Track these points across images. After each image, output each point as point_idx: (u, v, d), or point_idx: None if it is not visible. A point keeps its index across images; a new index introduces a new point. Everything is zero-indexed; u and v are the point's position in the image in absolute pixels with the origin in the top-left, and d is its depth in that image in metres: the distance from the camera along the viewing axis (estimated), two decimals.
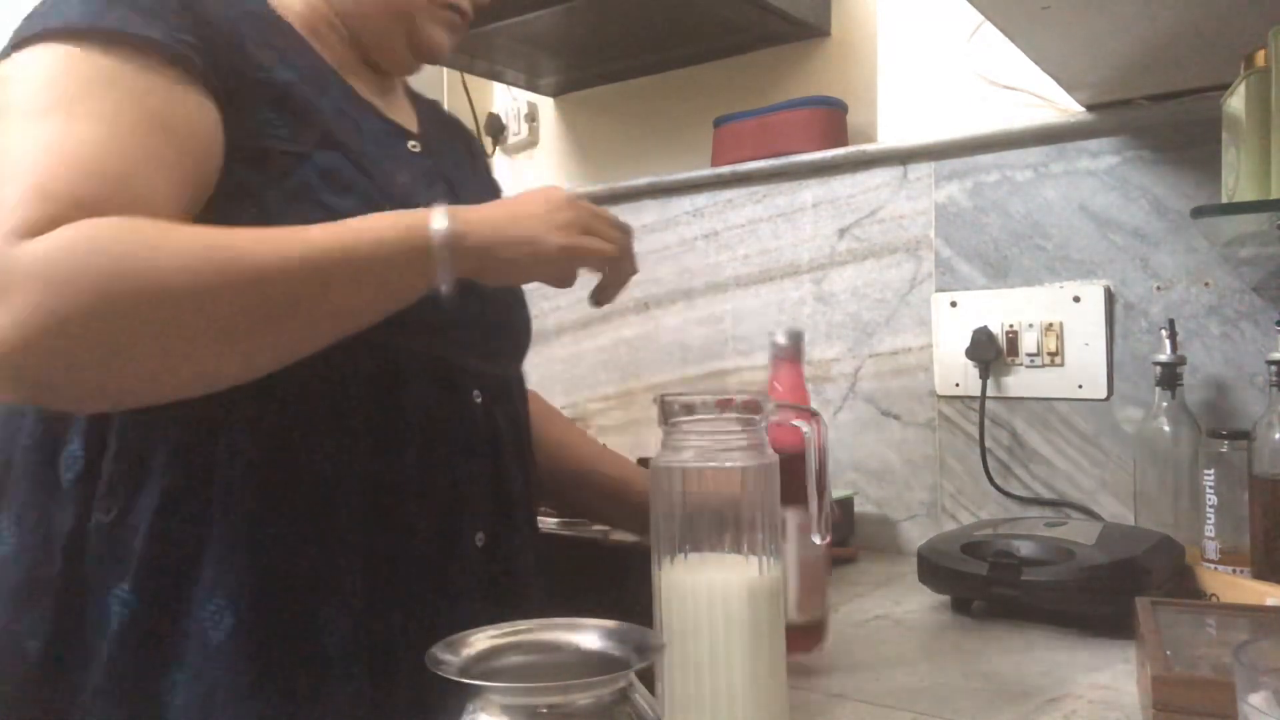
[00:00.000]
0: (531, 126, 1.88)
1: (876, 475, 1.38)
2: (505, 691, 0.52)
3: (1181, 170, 1.17)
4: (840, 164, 1.42)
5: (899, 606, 1.05)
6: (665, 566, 0.67)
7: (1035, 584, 0.93)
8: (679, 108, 1.68)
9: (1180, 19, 0.92)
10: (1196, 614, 0.82)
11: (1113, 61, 1.05)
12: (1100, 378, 1.22)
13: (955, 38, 1.34)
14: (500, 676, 0.55)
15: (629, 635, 0.58)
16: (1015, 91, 1.29)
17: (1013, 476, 1.28)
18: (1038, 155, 1.26)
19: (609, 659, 0.57)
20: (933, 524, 1.33)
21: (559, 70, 1.74)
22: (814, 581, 0.81)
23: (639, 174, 1.65)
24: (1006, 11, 0.92)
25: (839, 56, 1.51)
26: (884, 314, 1.38)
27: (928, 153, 1.34)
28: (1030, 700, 0.76)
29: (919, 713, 0.74)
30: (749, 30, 1.51)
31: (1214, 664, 0.69)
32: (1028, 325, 1.26)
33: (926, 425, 1.35)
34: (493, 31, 1.49)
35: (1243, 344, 1.13)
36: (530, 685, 0.53)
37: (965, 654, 0.88)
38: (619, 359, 1.67)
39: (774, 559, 0.68)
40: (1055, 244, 1.25)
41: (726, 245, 1.54)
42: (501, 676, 0.55)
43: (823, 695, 0.78)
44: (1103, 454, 1.22)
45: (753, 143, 1.50)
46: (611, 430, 1.67)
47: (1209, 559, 1.02)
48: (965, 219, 1.32)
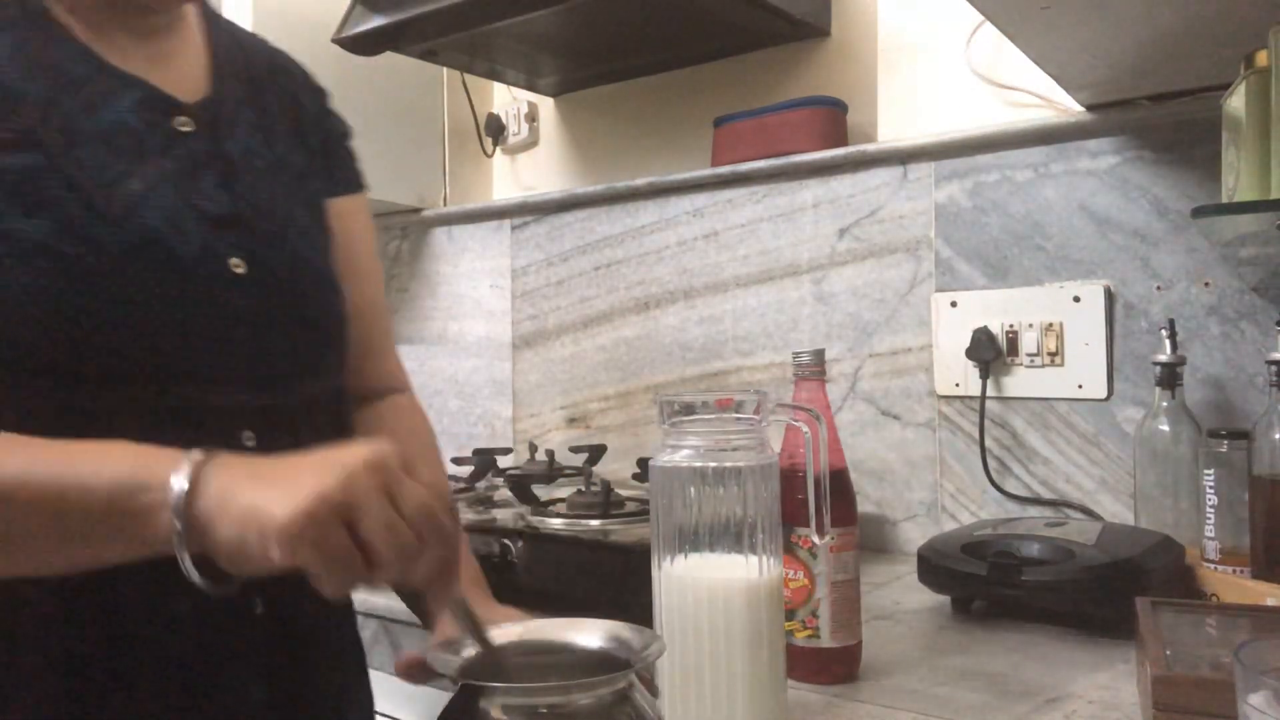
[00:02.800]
0: (531, 126, 1.88)
1: (876, 475, 1.38)
2: (507, 692, 0.52)
3: (1181, 170, 1.17)
4: (840, 164, 1.42)
5: (899, 606, 1.05)
6: (665, 566, 0.67)
7: (1035, 584, 0.93)
8: (679, 108, 1.67)
9: (1180, 19, 0.92)
10: (1196, 614, 0.82)
11: (1113, 61, 1.05)
12: (1100, 378, 1.22)
13: (955, 38, 1.34)
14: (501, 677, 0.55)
15: (629, 635, 0.58)
16: (1015, 91, 1.29)
17: (1012, 476, 1.28)
18: (1038, 155, 1.26)
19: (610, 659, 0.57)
20: (933, 524, 1.33)
21: (559, 70, 1.74)
22: (848, 605, 0.80)
23: (639, 174, 1.65)
24: (1006, 11, 0.92)
25: (839, 56, 1.51)
26: (884, 314, 1.38)
27: (928, 153, 1.34)
28: (1030, 700, 0.76)
29: (919, 713, 0.74)
30: (749, 30, 1.51)
31: (1214, 664, 0.69)
32: (1028, 325, 1.26)
33: (926, 425, 1.35)
34: (493, 31, 1.49)
35: (1243, 344, 1.13)
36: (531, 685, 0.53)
37: (965, 654, 0.88)
38: (619, 359, 1.67)
39: (774, 559, 0.68)
40: (1055, 244, 1.25)
41: (726, 245, 1.54)
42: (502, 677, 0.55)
43: (823, 695, 0.78)
44: (1103, 454, 1.22)
45: (753, 143, 1.49)
46: (611, 430, 1.67)
47: (1209, 559, 1.02)
48: (965, 219, 1.32)
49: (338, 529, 0.51)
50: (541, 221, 1.77)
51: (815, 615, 0.79)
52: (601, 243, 1.68)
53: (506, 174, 1.95)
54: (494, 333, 1.84)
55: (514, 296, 1.81)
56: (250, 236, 0.72)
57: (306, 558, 0.51)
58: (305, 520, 0.50)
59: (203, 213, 0.69)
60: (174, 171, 0.69)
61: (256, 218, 0.73)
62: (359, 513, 0.51)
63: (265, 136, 0.78)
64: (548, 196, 1.77)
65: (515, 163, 1.94)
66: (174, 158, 0.69)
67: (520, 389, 1.81)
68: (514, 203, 1.81)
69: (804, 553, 0.79)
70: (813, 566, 0.79)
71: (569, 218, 1.73)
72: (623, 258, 1.66)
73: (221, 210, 0.70)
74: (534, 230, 1.78)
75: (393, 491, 0.52)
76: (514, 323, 1.81)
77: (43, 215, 0.61)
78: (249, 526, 0.51)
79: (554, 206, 1.75)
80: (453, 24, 1.45)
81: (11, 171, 0.61)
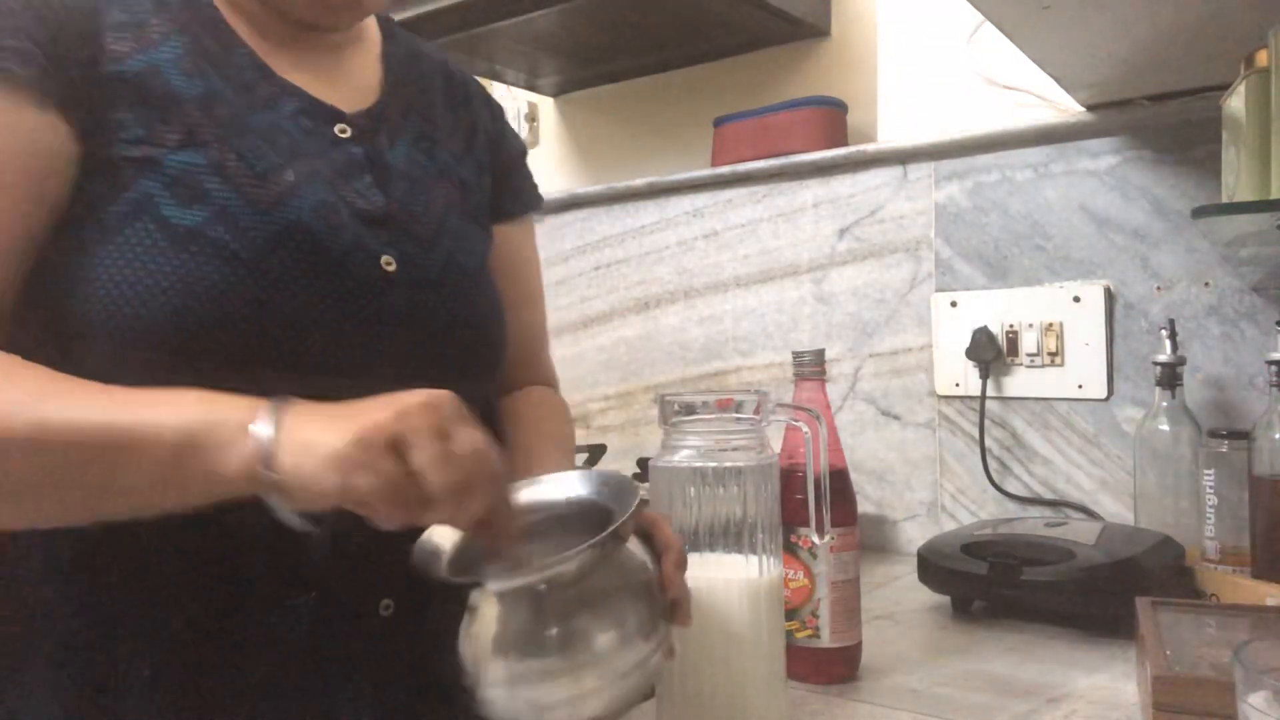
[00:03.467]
0: (532, 126, 1.88)
1: (876, 475, 1.38)
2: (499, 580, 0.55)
3: (1181, 170, 1.17)
4: (840, 164, 1.42)
5: (899, 606, 1.05)
6: None
7: (1035, 584, 0.93)
8: (679, 108, 1.68)
9: (1180, 19, 0.92)
10: (1196, 614, 0.82)
11: (1113, 61, 1.05)
12: (1100, 378, 1.22)
13: (955, 38, 1.34)
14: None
15: (607, 482, 0.62)
16: (1015, 91, 1.29)
17: (1012, 476, 1.28)
18: (1038, 155, 1.26)
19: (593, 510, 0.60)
20: (933, 524, 1.33)
21: (559, 70, 1.74)
22: (847, 605, 0.80)
23: (639, 174, 1.64)
24: (1006, 11, 0.92)
25: (839, 56, 1.51)
26: (884, 314, 1.38)
27: (928, 153, 1.34)
28: (1030, 700, 0.76)
29: (919, 713, 0.74)
30: (749, 30, 1.51)
31: (1214, 664, 0.69)
32: (1028, 325, 1.26)
33: (926, 425, 1.35)
34: (493, 31, 1.49)
35: (1243, 344, 1.13)
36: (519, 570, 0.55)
37: (965, 654, 0.88)
38: (619, 359, 1.67)
39: (774, 559, 0.68)
40: (1055, 244, 1.25)
41: (726, 245, 1.54)
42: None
43: (823, 695, 0.78)
44: (1103, 454, 1.22)
45: (753, 143, 1.50)
46: (612, 430, 1.67)
47: (1209, 559, 1.02)
48: (965, 219, 1.32)
49: (388, 456, 0.52)
50: (541, 221, 1.76)
51: (815, 615, 0.79)
52: (601, 243, 1.68)
53: None
54: None
55: None
56: (404, 236, 0.72)
57: (358, 483, 0.51)
58: (357, 446, 0.51)
59: (355, 209, 0.69)
60: (329, 170, 0.70)
61: (410, 220, 0.73)
62: (411, 446, 0.52)
63: (430, 146, 0.79)
64: (548, 196, 1.76)
65: None
66: (329, 160, 0.70)
67: None
68: None
69: (804, 553, 0.79)
70: (813, 566, 0.79)
71: (569, 218, 1.73)
72: (623, 258, 1.66)
73: (374, 208, 0.71)
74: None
75: (446, 431, 0.53)
76: None
77: (198, 206, 0.63)
78: (307, 455, 0.53)
79: (554, 206, 1.75)
80: (453, 24, 1.46)
81: (172, 168, 0.63)
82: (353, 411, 0.54)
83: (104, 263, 0.62)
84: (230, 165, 0.65)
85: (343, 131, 0.73)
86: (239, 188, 0.65)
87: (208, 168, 0.64)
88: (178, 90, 0.66)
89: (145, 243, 0.62)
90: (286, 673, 0.65)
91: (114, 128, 0.63)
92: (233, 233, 0.63)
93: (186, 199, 0.63)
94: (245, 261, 0.63)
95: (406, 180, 0.74)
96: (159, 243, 0.62)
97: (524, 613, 0.55)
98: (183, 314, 0.61)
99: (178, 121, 0.65)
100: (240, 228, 0.64)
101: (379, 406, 0.54)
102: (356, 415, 0.53)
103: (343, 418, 0.54)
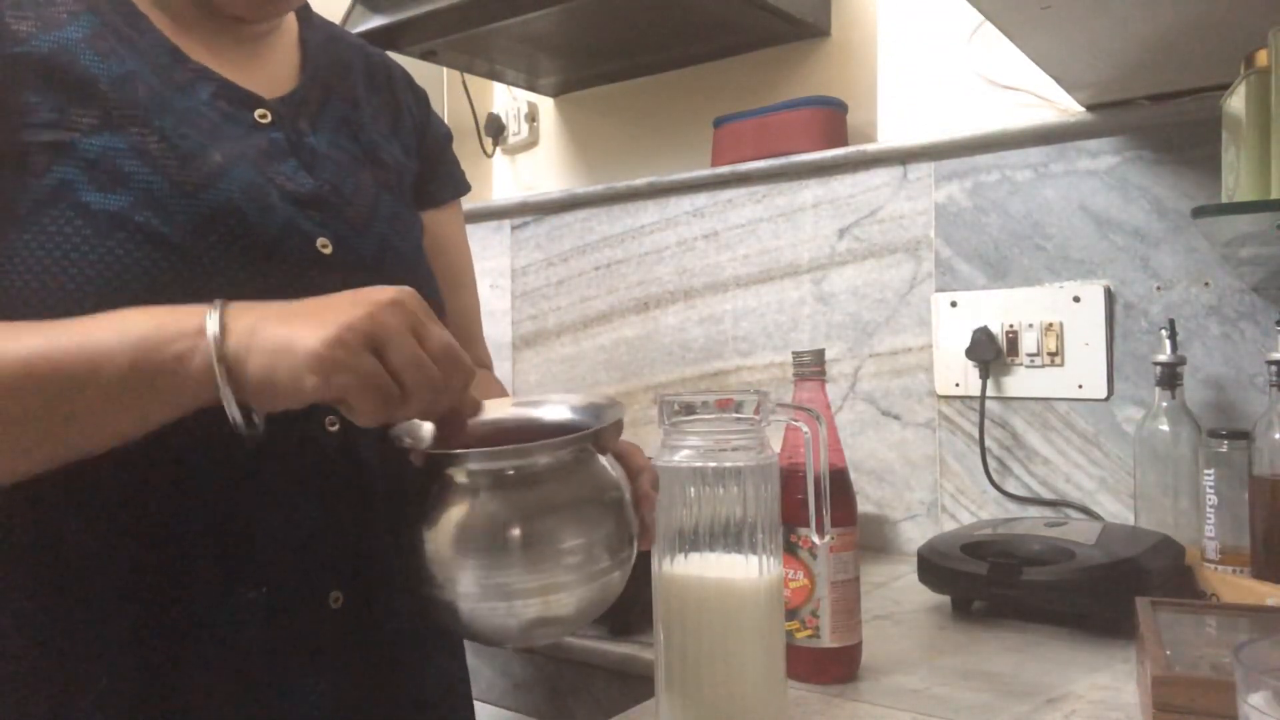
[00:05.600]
0: (531, 126, 1.88)
1: (876, 475, 1.38)
2: (470, 458, 0.56)
3: (1181, 170, 1.17)
4: (840, 164, 1.42)
5: (899, 606, 1.05)
6: (665, 566, 0.67)
7: (1035, 584, 0.93)
8: (679, 108, 1.68)
9: (1180, 19, 0.92)
10: (1196, 614, 0.82)
11: (1113, 61, 1.05)
12: (1100, 378, 1.22)
13: (955, 38, 1.34)
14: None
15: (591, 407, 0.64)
16: (1015, 91, 1.29)
17: (1012, 476, 1.28)
18: (1038, 155, 1.26)
19: (573, 426, 0.62)
20: (933, 524, 1.33)
21: (559, 70, 1.74)
22: (847, 605, 0.80)
23: (639, 174, 1.64)
24: (1006, 11, 0.92)
25: (839, 56, 1.51)
26: (884, 314, 1.38)
27: (928, 153, 1.34)
28: (1030, 700, 0.76)
29: (919, 713, 0.74)
30: (749, 30, 1.51)
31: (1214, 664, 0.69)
32: (1028, 325, 1.26)
33: (926, 425, 1.35)
34: (493, 31, 1.49)
35: (1243, 344, 1.13)
36: (493, 450, 0.56)
37: (965, 654, 0.88)
38: (619, 359, 1.67)
39: (774, 559, 0.68)
40: (1055, 244, 1.25)
41: (726, 245, 1.54)
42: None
43: (823, 695, 0.78)
44: (1103, 454, 1.22)
45: (753, 143, 1.50)
46: None
47: (1209, 559, 1.02)
48: (965, 219, 1.32)
49: (368, 355, 0.52)
50: (541, 221, 1.77)
51: (815, 615, 0.79)
52: (601, 243, 1.68)
53: (506, 174, 1.95)
54: (494, 333, 1.84)
55: (514, 296, 1.81)
56: (336, 219, 0.70)
57: (340, 382, 0.52)
58: (336, 345, 0.51)
59: (285, 191, 0.68)
60: (254, 153, 0.68)
61: (341, 203, 0.71)
62: (386, 344, 0.53)
63: (354, 130, 0.78)
64: (548, 196, 1.77)
65: (515, 163, 1.94)
66: (253, 144, 0.69)
67: (521, 389, 1.81)
68: (514, 203, 1.81)
69: (804, 553, 0.79)
70: (813, 566, 0.79)
71: (569, 218, 1.73)
72: (623, 258, 1.66)
73: (304, 190, 0.69)
74: (534, 230, 1.78)
75: (417, 328, 0.54)
76: (514, 323, 1.81)
77: (120, 190, 0.61)
78: (280, 357, 0.52)
79: (554, 206, 1.75)
80: (453, 24, 1.46)
81: (89, 151, 0.61)
82: (316, 309, 0.54)
83: (21, 253, 0.59)
84: (152, 147, 0.63)
85: (262, 117, 0.71)
86: (163, 170, 0.62)
87: (128, 150, 0.62)
88: (90, 71, 0.63)
89: (65, 230, 0.60)
90: (242, 668, 0.65)
91: (20, 111, 0.61)
92: (160, 216, 0.61)
93: (107, 183, 0.61)
94: (175, 246, 0.61)
95: (332, 164, 0.73)
96: (81, 230, 0.60)
97: (495, 504, 0.56)
98: (111, 302, 0.58)
99: (93, 103, 0.62)
100: (168, 211, 0.62)
101: (345, 304, 0.54)
102: (323, 314, 0.53)
103: (309, 316, 0.54)
